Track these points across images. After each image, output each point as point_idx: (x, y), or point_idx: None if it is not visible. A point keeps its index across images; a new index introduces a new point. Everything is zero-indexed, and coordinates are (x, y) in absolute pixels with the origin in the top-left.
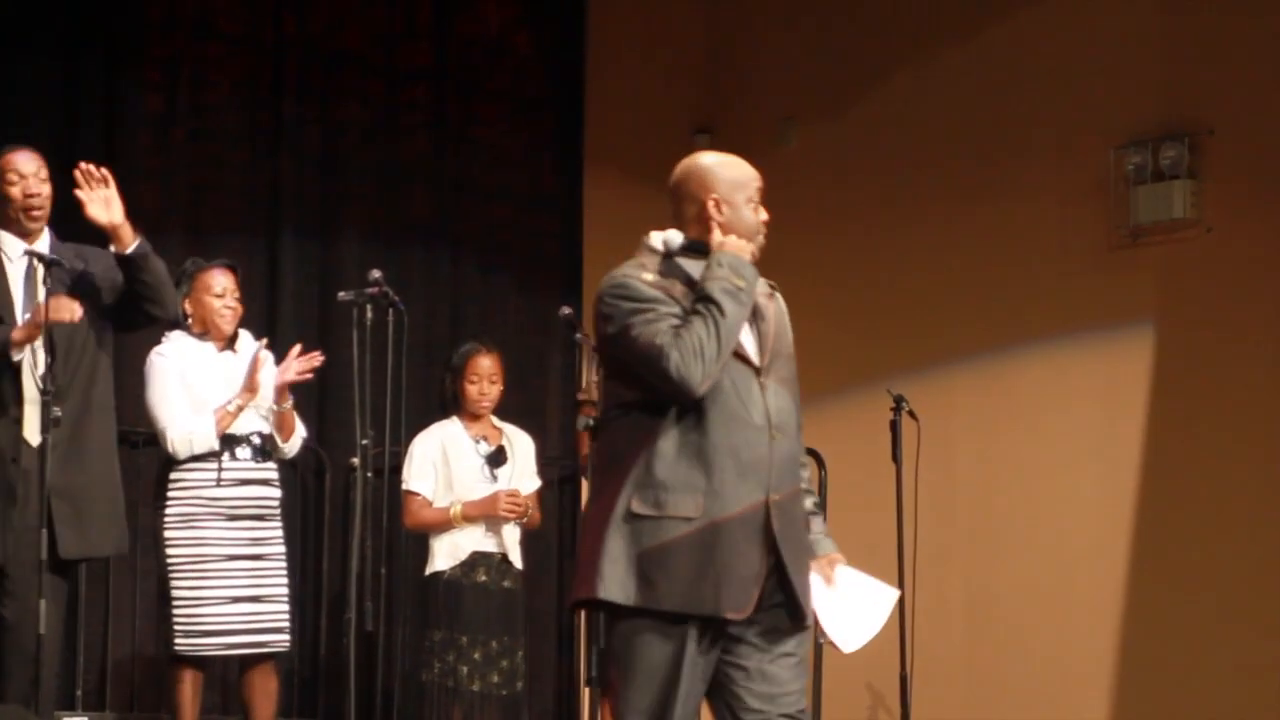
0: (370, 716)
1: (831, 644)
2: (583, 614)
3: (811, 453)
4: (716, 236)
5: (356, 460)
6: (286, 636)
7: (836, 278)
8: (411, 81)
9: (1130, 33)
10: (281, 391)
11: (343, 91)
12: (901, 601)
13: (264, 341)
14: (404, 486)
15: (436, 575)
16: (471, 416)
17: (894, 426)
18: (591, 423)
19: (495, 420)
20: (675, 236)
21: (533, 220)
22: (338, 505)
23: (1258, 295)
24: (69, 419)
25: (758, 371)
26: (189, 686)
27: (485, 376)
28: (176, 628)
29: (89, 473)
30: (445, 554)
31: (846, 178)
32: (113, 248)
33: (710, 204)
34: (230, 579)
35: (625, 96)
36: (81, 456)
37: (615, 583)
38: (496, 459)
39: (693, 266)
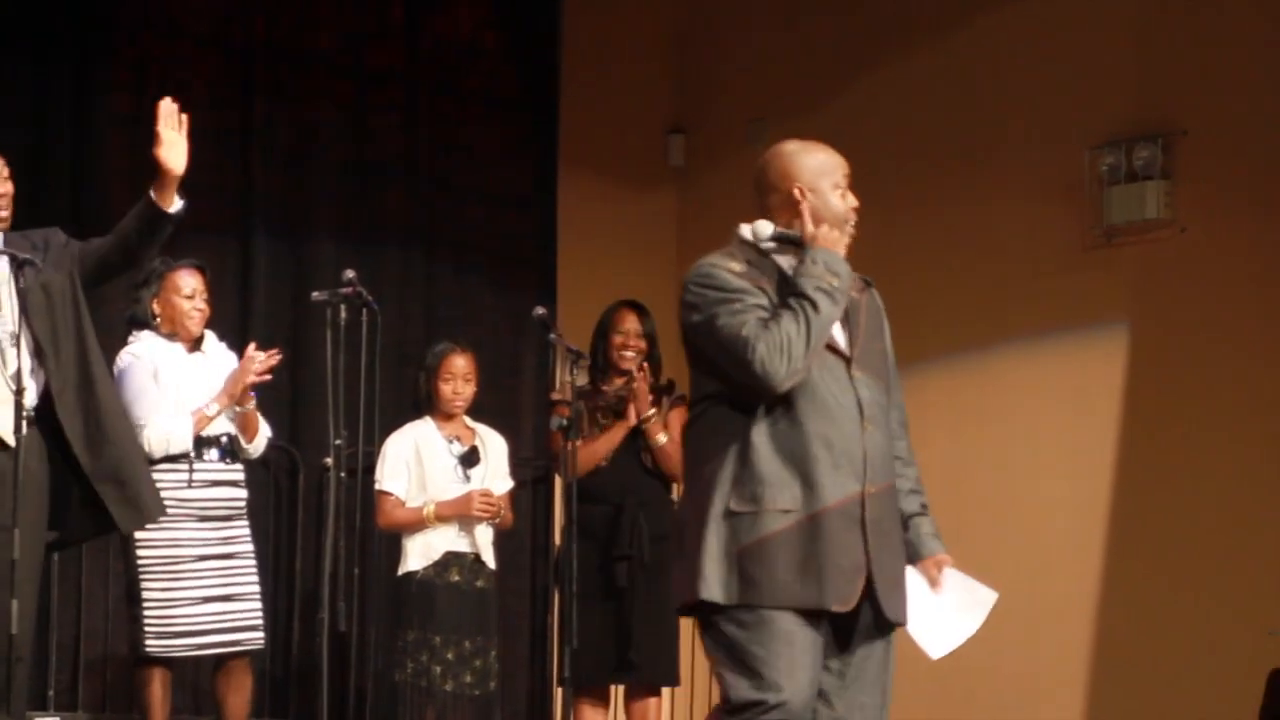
0: (343, 717)
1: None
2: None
3: None
4: (809, 228)
5: (330, 460)
6: (260, 634)
7: None
8: (383, 82)
9: (1104, 33)
10: (244, 393)
11: (313, 92)
12: None
13: (252, 346)
14: (377, 486)
15: (409, 575)
16: (445, 416)
17: None
18: (565, 423)
19: (468, 420)
20: (764, 227)
21: (506, 220)
22: (311, 505)
23: (1231, 295)
24: (77, 401)
25: (848, 362)
26: (159, 687)
27: (459, 376)
28: (148, 629)
29: (119, 445)
30: (418, 554)
31: None
32: (154, 194)
33: (795, 192)
34: (202, 579)
35: (598, 97)
36: (104, 433)
37: (717, 582)
38: (470, 459)
39: (781, 258)
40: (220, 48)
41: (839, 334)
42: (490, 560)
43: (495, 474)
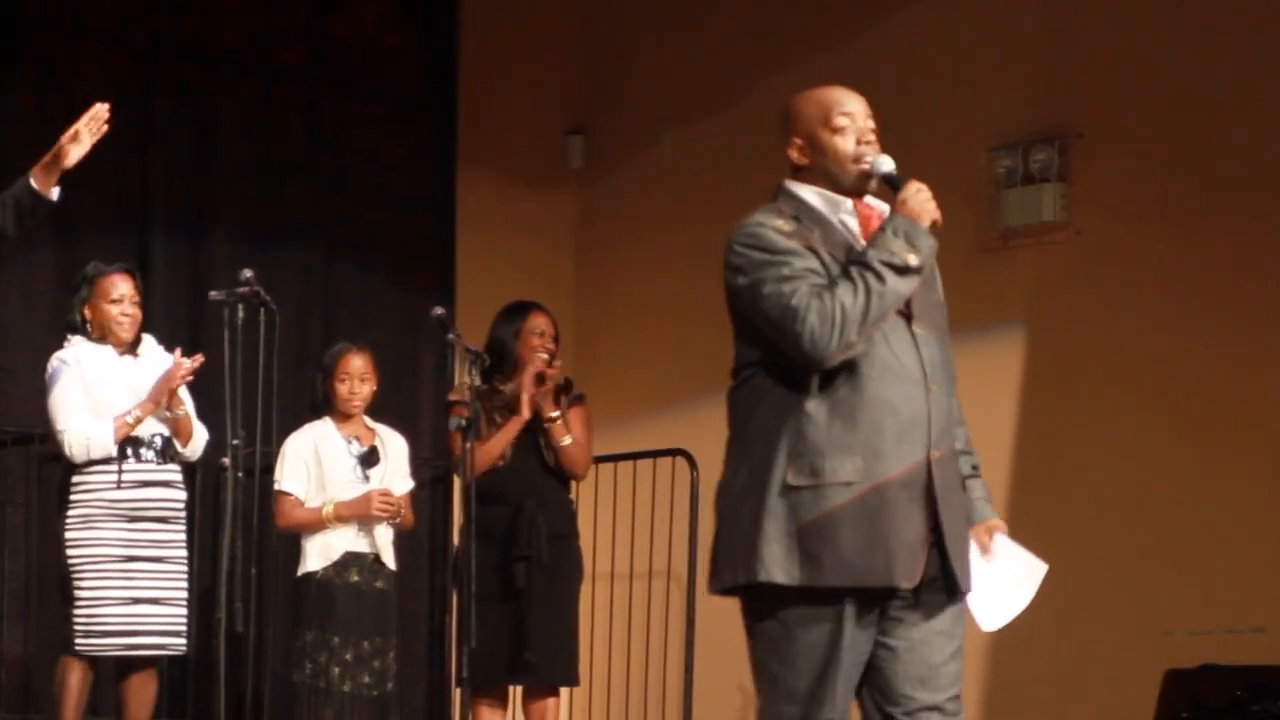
0: (240, 717)
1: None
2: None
3: (684, 454)
4: (910, 188)
5: (227, 460)
6: (183, 641)
7: (710, 278)
8: (285, 81)
9: (1002, 37)
10: (171, 398)
11: (216, 90)
12: None
13: (178, 352)
14: (276, 486)
15: (309, 576)
16: (343, 416)
17: None
18: (464, 423)
19: (368, 420)
20: (886, 162)
21: (406, 220)
22: (208, 505)
23: (1126, 297)
24: None
25: (909, 320)
26: (76, 681)
27: (356, 375)
28: (76, 627)
29: None
30: (317, 554)
31: (721, 179)
32: (34, 181)
33: (793, 151)
34: (130, 580)
35: (499, 98)
36: None
37: (776, 565)
38: (369, 459)
39: (829, 209)
40: (122, 46)
41: None
42: (390, 561)
43: (395, 474)
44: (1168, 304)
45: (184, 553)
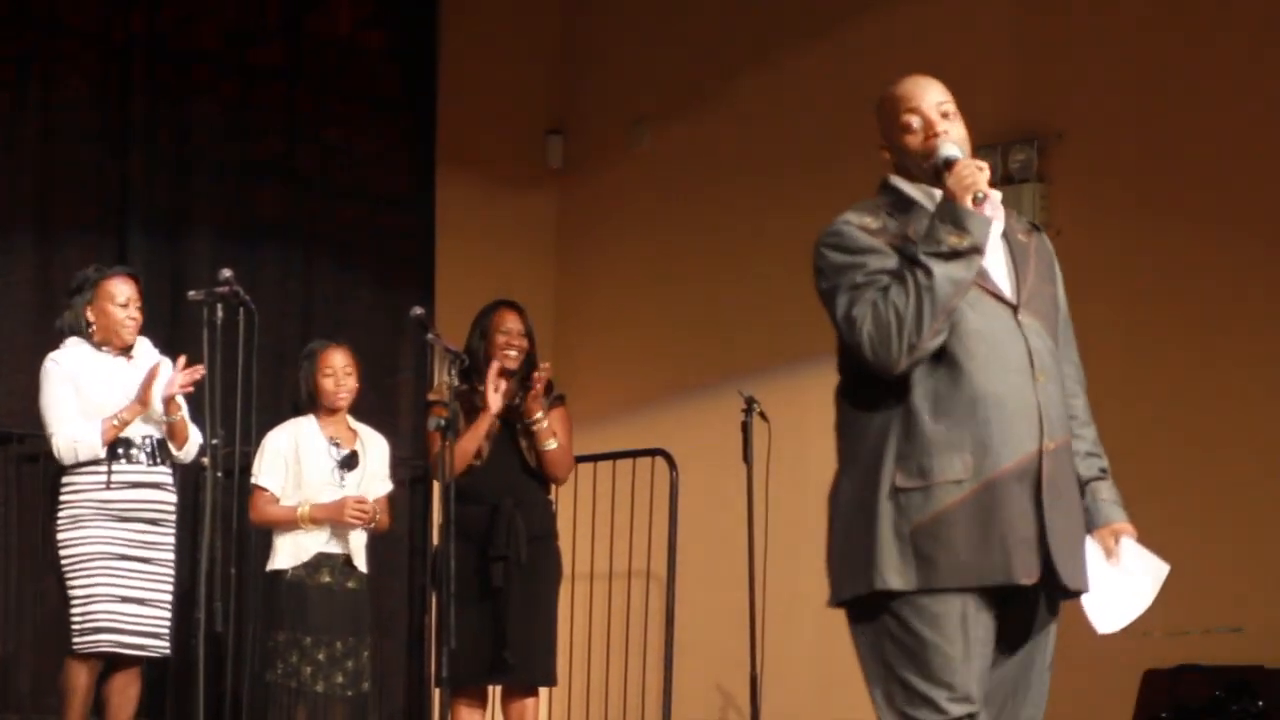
0: (219, 717)
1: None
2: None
3: (662, 453)
4: (955, 169)
5: (206, 460)
6: (166, 643)
7: (689, 278)
8: (263, 81)
9: (980, 37)
10: (169, 404)
11: (194, 90)
12: (751, 602)
13: (181, 361)
14: (252, 480)
15: (279, 574)
16: (328, 412)
17: (745, 428)
18: (443, 423)
19: (351, 421)
20: (951, 150)
21: (385, 220)
22: (187, 505)
23: (1105, 297)
24: None
25: (1014, 309)
26: (84, 682)
27: (340, 370)
28: (74, 626)
29: None
30: (288, 553)
31: (699, 178)
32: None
33: (886, 154)
34: (119, 578)
35: (477, 97)
36: None
37: (892, 570)
38: (349, 463)
39: (929, 201)
40: (100, 46)
41: (1004, 280)
42: (361, 564)
43: (375, 476)
44: (1147, 303)
45: (171, 555)
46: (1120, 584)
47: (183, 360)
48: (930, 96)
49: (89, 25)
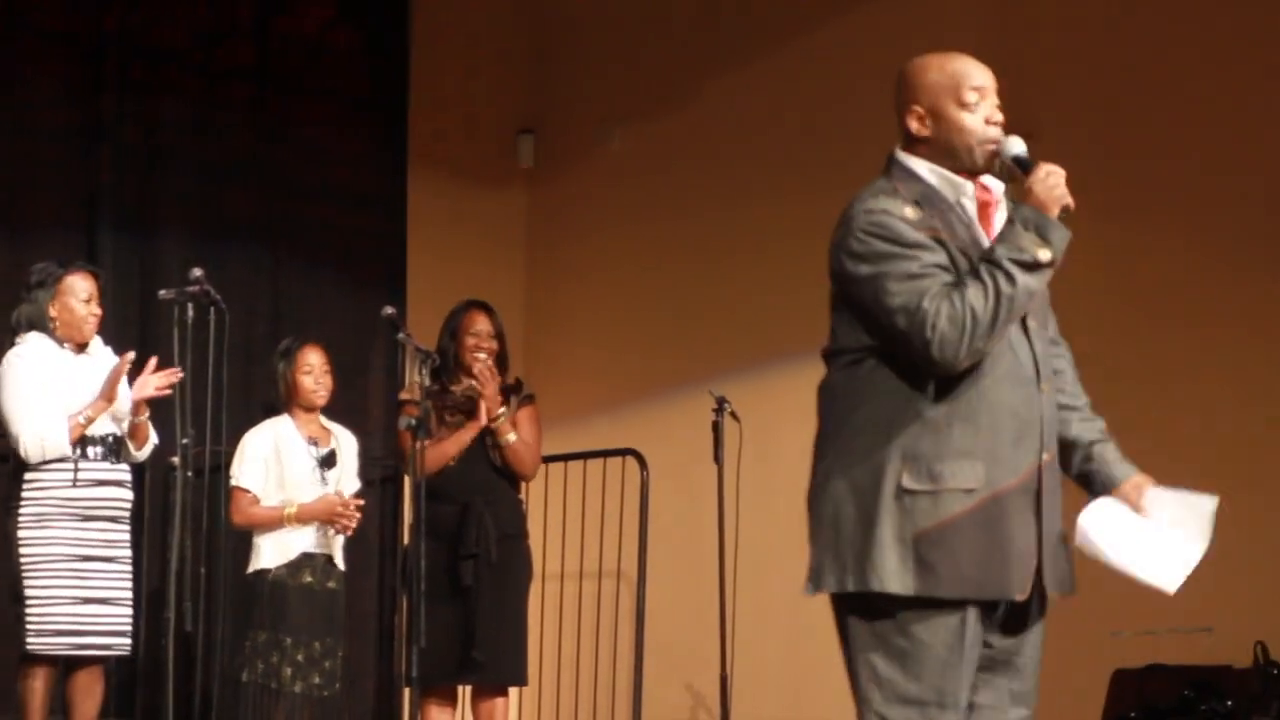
0: (188, 717)
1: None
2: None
3: (632, 453)
4: (1039, 173)
5: (176, 459)
6: (129, 641)
7: (659, 278)
8: (232, 79)
9: (950, 37)
10: (138, 405)
11: (163, 89)
12: (721, 602)
13: (131, 355)
14: (233, 482)
15: (262, 574)
16: (304, 410)
17: (716, 427)
18: (414, 422)
19: (324, 420)
20: (1015, 144)
21: (355, 219)
22: (157, 504)
23: (1079, 296)
24: None
25: (1024, 315)
26: (40, 684)
27: (318, 368)
28: (29, 627)
29: None
30: (273, 552)
31: (670, 178)
32: None
33: (913, 120)
34: (82, 579)
35: (448, 96)
36: None
37: (891, 574)
38: (329, 462)
39: (949, 190)
40: (70, 44)
41: None
42: (341, 562)
43: (346, 475)
44: (1116, 303)
45: (130, 553)
46: (1166, 536)
47: (154, 362)
48: (992, 82)
49: (60, 24)
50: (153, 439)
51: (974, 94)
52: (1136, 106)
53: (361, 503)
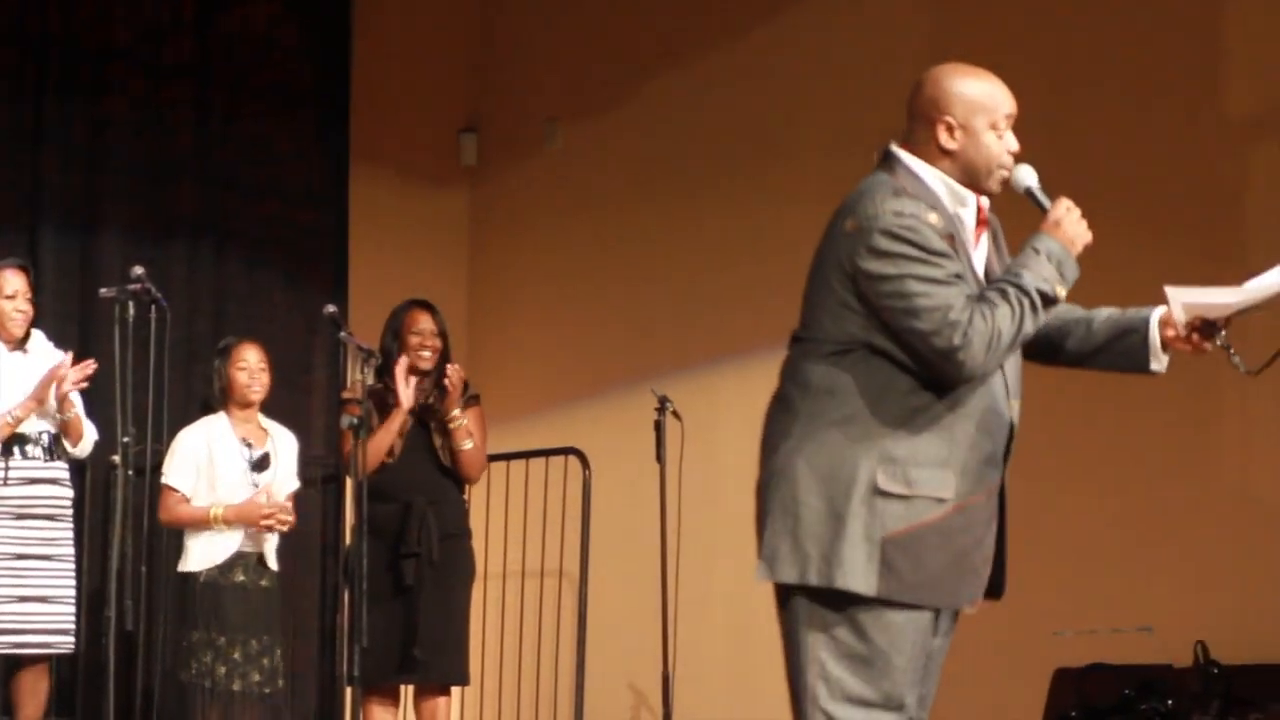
0: (129, 716)
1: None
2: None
3: (575, 452)
4: (1059, 210)
5: (117, 458)
6: (71, 639)
7: (602, 277)
8: (175, 77)
9: (890, 37)
10: (62, 401)
11: (106, 87)
12: (664, 601)
13: (69, 357)
14: (162, 480)
15: (193, 575)
16: (240, 408)
17: (658, 426)
18: (356, 421)
19: (262, 419)
20: (1028, 175)
21: (298, 217)
22: (98, 503)
23: None
24: None
25: None
26: None
27: (254, 365)
28: None
29: None
30: (202, 554)
31: (613, 178)
32: None
33: (941, 129)
34: (18, 578)
35: (392, 94)
36: None
37: (856, 573)
38: (261, 465)
39: (954, 202)
40: (13, 42)
41: None
42: (273, 562)
43: (283, 474)
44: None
45: (72, 550)
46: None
47: (70, 357)
48: (1016, 112)
49: (1, 22)
50: (90, 435)
51: (1007, 121)
52: (1074, 107)
53: (289, 506)
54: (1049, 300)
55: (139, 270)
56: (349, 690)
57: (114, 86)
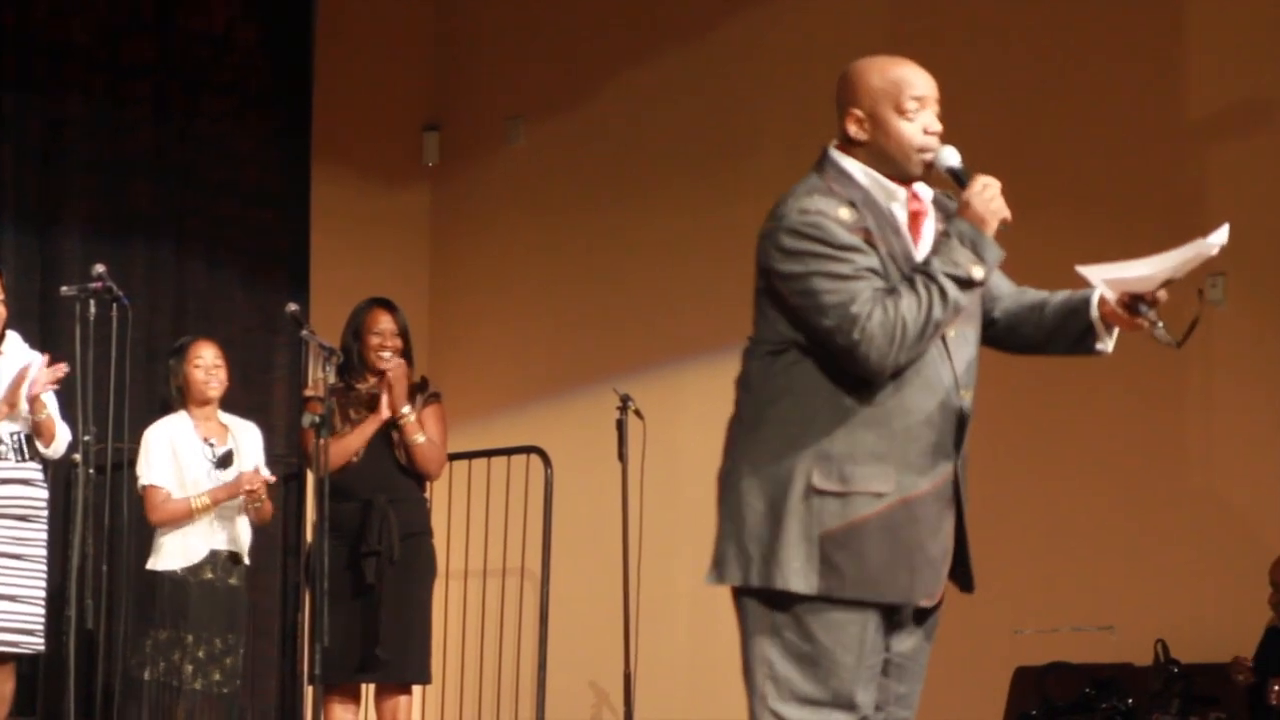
0: (90, 715)
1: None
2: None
3: (537, 451)
4: (974, 187)
5: (79, 456)
6: (39, 640)
7: (564, 276)
8: (135, 75)
9: (850, 36)
10: (33, 403)
11: (65, 84)
12: (625, 600)
13: (45, 359)
14: (143, 481)
15: (161, 574)
16: (199, 405)
17: (620, 425)
18: (317, 420)
19: (223, 415)
20: (950, 155)
21: (259, 215)
22: (58, 501)
23: None
24: None
25: None
26: None
27: (209, 362)
28: None
29: None
30: (176, 553)
31: (575, 176)
32: None
33: (850, 123)
34: None
35: (353, 92)
36: None
37: (795, 572)
38: (224, 462)
39: (882, 196)
40: None
41: None
42: (247, 557)
43: (251, 463)
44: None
45: (43, 551)
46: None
47: (46, 358)
48: (933, 92)
49: None
50: (63, 435)
51: (914, 103)
52: (1029, 107)
53: (273, 479)
54: (964, 283)
55: (100, 268)
56: (309, 689)
57: (73, 84)
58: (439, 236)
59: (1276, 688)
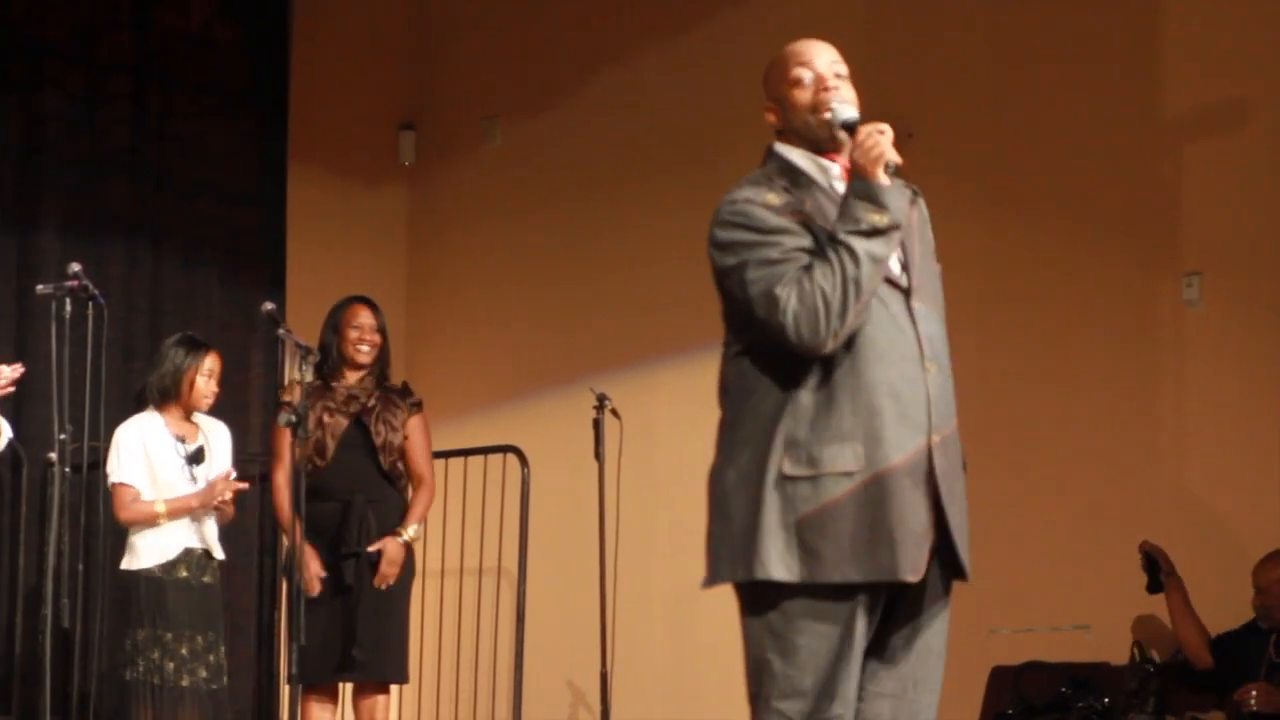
0: (66, 715)
1: None
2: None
3: (513, 450)
4: (856, 139)
5: (54, 455)
6: None
7: (541, 275)
8: (112, 74)
9: (828, 37)
10: None
11: (42, 83)
12: (602, 599)
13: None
14: (113, 479)
15: (136, 573)
16: (184, 408)
17: (596, 425)
18: (294, 419)
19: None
20: (846, 110)
21: (236, 214)
22: (34, 500)
23: (961, 293)
24: None
25: (906, 294)
26: None
27: (215, 375)
28: None
29: None
30: (150, 552)
31: (551, 175)
32: None
33: (769, 116)
34: None
35: (330, 91)
36: None
37: (775, 561)
38: (196, 458)
39: (819, 173)
40: None
41: (894, 261)
42: (219, 553)
43: (219, 466)
44: (996, 301)
45: None
46: None
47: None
48: (824, 55)
49: None
50: (5, 432)
51: (802, 70)
52: (1012, 106)
53: (245, 486)
54: (868, 234)
55: (76, 267)
56: (286, 689)
57: (49, 83)
58: (415, 236)
59: (1254, 693)
